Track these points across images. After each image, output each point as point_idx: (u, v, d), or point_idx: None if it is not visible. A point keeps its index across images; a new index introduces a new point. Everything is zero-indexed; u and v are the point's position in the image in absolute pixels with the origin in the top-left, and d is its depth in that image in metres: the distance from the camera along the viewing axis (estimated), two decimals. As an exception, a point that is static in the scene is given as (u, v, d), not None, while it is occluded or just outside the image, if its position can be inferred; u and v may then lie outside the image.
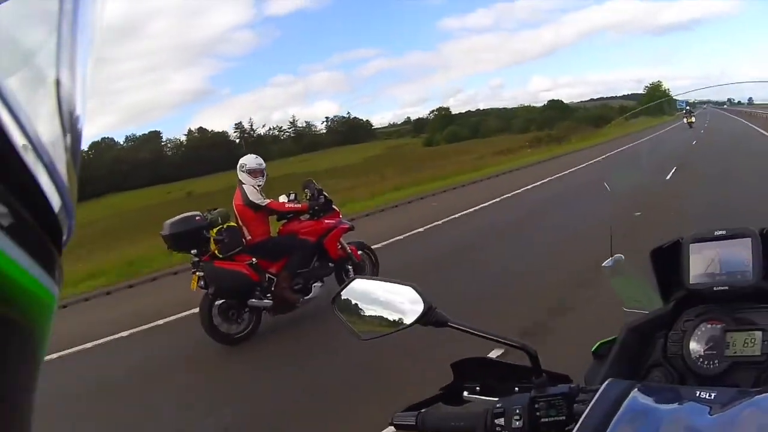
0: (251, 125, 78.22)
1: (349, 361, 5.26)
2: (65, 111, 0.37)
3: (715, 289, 1.46)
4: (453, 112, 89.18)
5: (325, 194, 7.32)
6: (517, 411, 1.17)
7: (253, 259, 6.50)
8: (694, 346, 1.46)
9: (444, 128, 78.98)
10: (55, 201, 0.36)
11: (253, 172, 6.94)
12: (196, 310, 6.43)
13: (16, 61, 0.35)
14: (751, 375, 1.38)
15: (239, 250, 6.46)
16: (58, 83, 0.37)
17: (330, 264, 7.14)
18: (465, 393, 1.42)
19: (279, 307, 6.63)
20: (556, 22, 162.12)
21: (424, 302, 1.24)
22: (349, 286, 1.36)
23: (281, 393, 5.03)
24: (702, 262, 1.50)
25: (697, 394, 1.02)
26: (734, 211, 8.62)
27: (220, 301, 6.32)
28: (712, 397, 1.01)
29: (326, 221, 7.15)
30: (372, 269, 7.57)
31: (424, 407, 1.35)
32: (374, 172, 33.69)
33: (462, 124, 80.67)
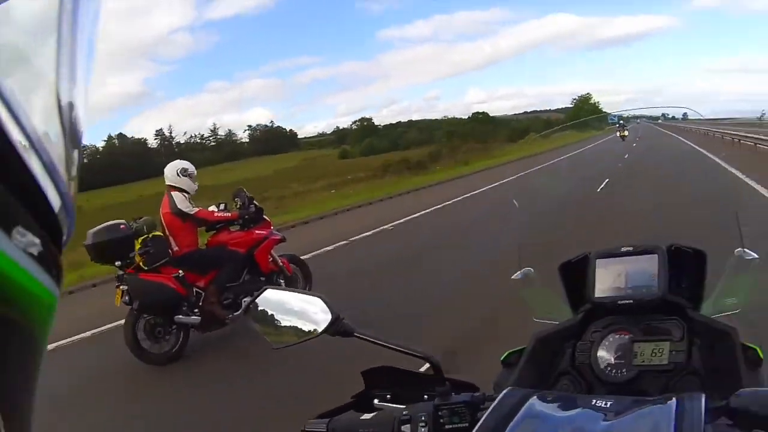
0: (170, 132, 75.21)
1: (280, 378, 5.06)
2: (65, 111, 0.37)
3: (619, 302, 1.52)
4: (384, 123, 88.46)
5: (256, 203, 7.00)
6: (423, 418, 1.22)
7: (180, 272, 6.10)
8: (603, 356, 1.51)
9: (363, 140, 77.69)
10: (55, 201, 0.36)
11: (194, 177, 6.61)
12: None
13: (16, 61, 0.34)
14: (659, 382, 1.43)
15: (165, 261, 6.05)
16: (58, 83, 0.36)
17: (261, 278, 6.77)
18: (376, 401, 1.43)
19: (207, 323, 6.24)
20: (495, 35, 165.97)
21: (331, 312, 1.27)
22: (261, 296, 1.36)
23: (211, 411, 4.77)
24: (608, 277, 1.55)
25: (593, 402, 1.06)
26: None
27: (146, 318, 5.92)
28: (608, 405, 1.04)
29: (257, 232, 6.82)
30: (304, 283, 7.24)
31: (336, 414, 1.39)
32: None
33: (384, 136, 79.99)
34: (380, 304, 6.89)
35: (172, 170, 6.52)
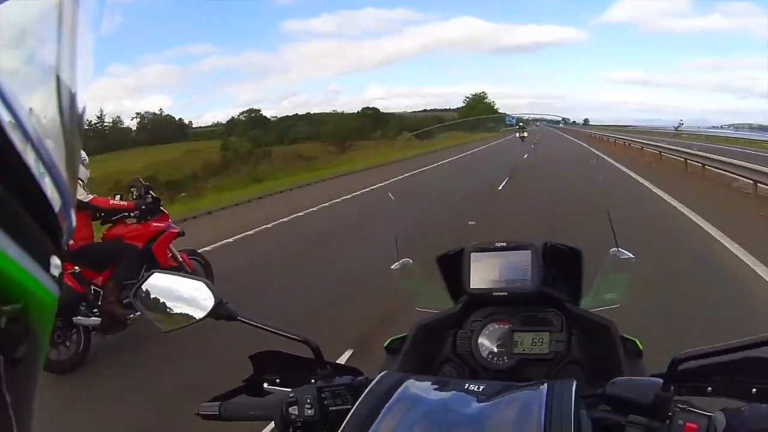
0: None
1: (189, 382, 4.75)
2: (65, 111, 0.38)
3: (494, 294, 1.57)
4: (282, 114, 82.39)
5: (152, 193, 6.56)
6: (308, 400, 1.27)
7: (76, 268, 5.60)
8: (484, 344, 1.58)
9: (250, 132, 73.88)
10: (55, 201, 0.36)
11: (86, 164, 6.08)
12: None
13: (17, 60, 0.34)
14: (541, 370, 1.51)
15: None
16: (58, 83, 0.37)
17: None
18: (265, 384, 1.48)
19: (108, 325, 5.74)
20: (400, 34, 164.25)
21: (214, 297, 1.30)
22: (148, 280, 1.37)
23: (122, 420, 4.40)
24: (483, 270, 1.59)
25: (466, 386, 1.09)
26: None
27: None
28: (481, 389, 1.07)
29: (154, 224, 6.41)
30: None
31: (228, 398, 1.43)
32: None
33: (271, 129, 76.35)
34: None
35: None
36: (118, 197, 6.38)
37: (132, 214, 6.36)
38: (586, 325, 1.55)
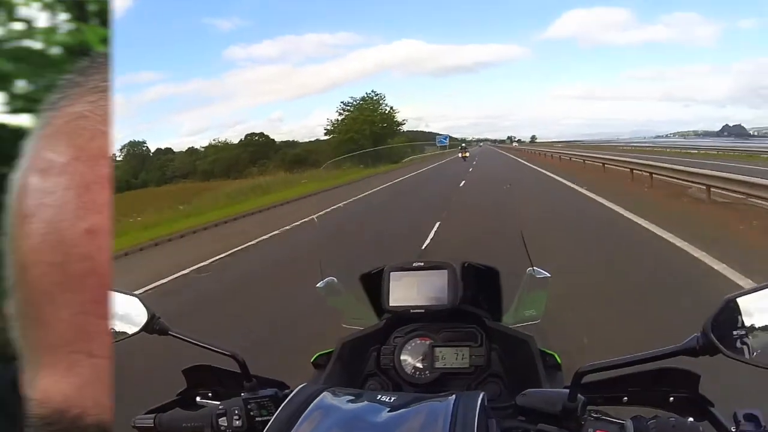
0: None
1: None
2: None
3: (412, 311, 1.58)
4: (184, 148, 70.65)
5: None
6: (236, 411, 1.29)
7: None
8: (406, 359, 1.60)
9: (134, 171, 63.55)
10: None
11: None
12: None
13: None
14: (463, 383, 1.53)
15: None
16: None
17: None
18: (198, 398, 1.50)
19: None
20: (342, 58, 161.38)
21: (147, 312, 1.31)
22: None
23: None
24: (401, 288, 1.60)
25: (378, 398, 1.09)
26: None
27: None
28: (392, 400, 1.07)
29: None
30: None
31: (163, 410, 1.41)
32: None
33: (148, 169, 65.54)
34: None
35: None
36: None
37: None
38: (506, 340, 1.58)
